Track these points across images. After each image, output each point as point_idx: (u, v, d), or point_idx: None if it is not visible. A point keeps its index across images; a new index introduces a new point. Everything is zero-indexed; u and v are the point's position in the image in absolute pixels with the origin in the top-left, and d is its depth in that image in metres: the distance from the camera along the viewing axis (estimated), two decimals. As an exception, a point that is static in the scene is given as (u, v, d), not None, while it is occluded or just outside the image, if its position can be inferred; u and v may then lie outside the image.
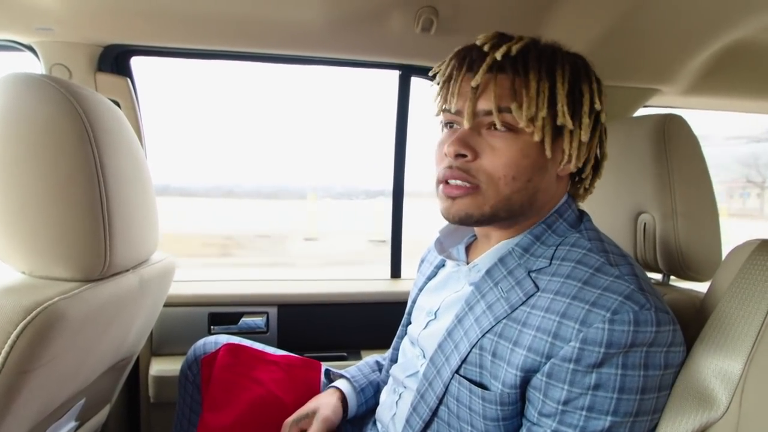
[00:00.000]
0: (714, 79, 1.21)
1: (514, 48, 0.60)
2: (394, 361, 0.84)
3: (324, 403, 0.84)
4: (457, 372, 0.62)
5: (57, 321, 0.59)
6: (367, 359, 0.97)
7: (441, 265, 0.82)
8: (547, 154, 0.61)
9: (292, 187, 2.30)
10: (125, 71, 1.20)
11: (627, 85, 1.22)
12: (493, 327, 0.61)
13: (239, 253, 2.43)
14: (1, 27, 1.05)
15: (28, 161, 0.62)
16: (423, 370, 0.69)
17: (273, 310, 1.29)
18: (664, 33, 1.03)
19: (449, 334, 0.66)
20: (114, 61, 1.17)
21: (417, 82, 1.34)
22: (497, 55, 0.60)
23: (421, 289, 0.83)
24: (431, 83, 0.70)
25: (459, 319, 0.65)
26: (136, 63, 1.22)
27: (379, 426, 0.80)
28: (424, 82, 1.34)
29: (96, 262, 0.66)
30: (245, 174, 2.14)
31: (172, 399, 1.07)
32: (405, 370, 0.76)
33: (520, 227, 0.67)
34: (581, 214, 0.69)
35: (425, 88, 1.36)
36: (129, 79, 1.18)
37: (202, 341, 0.97)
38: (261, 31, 1.11)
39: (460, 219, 0.64)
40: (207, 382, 0.91)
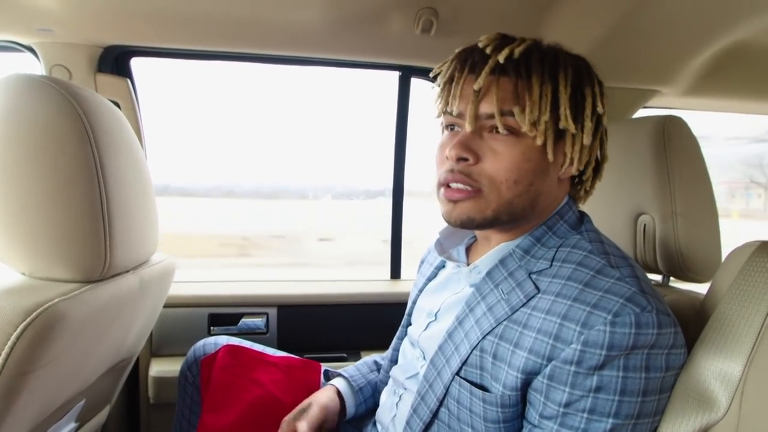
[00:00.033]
0: (714, 80, 1.21)
1: (516, 50, 0.60)
2: (393, 362, 0.84)
3: (320, 396, 0.84)
4: (457, 374, 0.62)
5: (57, 322, 0.59)
6: (366, 359, 0.97)
7: (441, 266, 0.82)
8: (549, 157, 0.61)
9: (292, 188, 2.30)
10: (125, 72, 1.20)
11: (627, 86, 1.22)
12: (493, 329, 0.60)
13: (257, 253, 2.39)
14: (2, 28, 1.05)
15: (29, 162, 0.62)
16: (423, 371, 0.68)
17: (273, 311, 1.29)
18: (664, 34, 1.03)
19: (450, 335, 0.65)
20: (114, 62, 1.18)
21: (417, 83, 1.34)
22: (500, 57, 0.60)
23: (421, 291, 0.82)
24: (432, 85, 0.70)
25: (459, 321, 0.65)
26: (136, 64, 1.22)
27: (379, 427, 0.80)
28: (424, 83, 1.34)
29: (96, 263, 0.66)
30: (245, 174, 2.13)
31: (171, 400, 1.07)
32: (405, 371, 0.76)
33: (520, 229, 0.67)
34: (582, 216, 0.69)
35: (425, 89, 1.36)
36: (129, 80, 1.18)
37: (201, 342, 0.97)
38: (261, 32, 1.11)
39: (462, 223, 0.63)
40: (207, 383, 0.91)
